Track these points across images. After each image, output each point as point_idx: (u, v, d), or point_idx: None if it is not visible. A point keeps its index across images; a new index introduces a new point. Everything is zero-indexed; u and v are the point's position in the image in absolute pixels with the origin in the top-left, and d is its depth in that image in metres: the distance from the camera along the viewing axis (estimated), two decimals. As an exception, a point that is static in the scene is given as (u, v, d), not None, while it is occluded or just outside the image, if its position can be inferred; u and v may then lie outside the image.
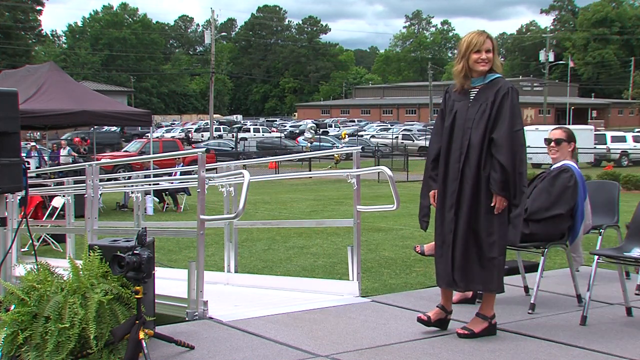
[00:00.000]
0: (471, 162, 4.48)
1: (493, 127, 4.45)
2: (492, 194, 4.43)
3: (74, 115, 15.46)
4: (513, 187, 4.42)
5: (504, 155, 4.39)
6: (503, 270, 4.55)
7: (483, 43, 4.55)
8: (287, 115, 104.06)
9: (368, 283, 7.35)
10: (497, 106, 4.46)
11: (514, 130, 4.42)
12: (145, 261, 3.97)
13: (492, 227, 4.46)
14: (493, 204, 4.44)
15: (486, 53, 4.55)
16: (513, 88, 4.50)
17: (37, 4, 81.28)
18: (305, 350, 4.32)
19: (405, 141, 47.16)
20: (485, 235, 4.47)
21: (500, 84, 4.53)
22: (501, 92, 4.48)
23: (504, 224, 4.48)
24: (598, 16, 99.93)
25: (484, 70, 4.56)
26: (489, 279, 4.49)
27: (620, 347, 4.37)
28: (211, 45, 55.17)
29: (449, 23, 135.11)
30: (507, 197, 4.43)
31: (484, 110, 4.49)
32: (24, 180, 4.75)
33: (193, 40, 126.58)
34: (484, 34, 4.61)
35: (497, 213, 4.44)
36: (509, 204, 4.45)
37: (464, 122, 4.55)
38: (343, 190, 21.99)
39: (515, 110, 4.46)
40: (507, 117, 4.43)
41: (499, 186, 4.41)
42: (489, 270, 4.48)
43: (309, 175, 25.05)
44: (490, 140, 4.44)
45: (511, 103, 4.45)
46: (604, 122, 77.04)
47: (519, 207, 4.45)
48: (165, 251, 10.21)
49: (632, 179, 21.37)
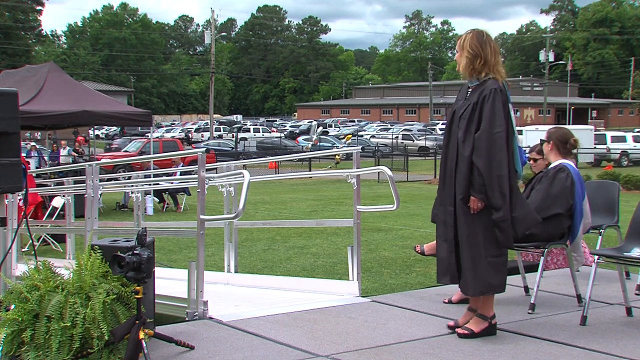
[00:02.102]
0: (459, 162, 4.51)
1: (476, 128, 4.44)
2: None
3: (74, 115, 15.47)
4: (490, 190, 4.37)
5: (480, 157, 4.38)
6: (497, 271, 4.49)
7: (458, 44, 4.65)
8: (287, 115, 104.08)
9: (368, 283, 7.36)
10: (479, 108, 4.46)
11: (493, 132, 4.39)
12: (145, 261, 3.97)
13: (475, 228, 4.46)
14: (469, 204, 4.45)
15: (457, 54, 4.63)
16: (496, 90, 4.45)
17: (37, 4, 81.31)
18: (305, 350, 4.32)
19: (405, 141, 47.14)
20: (469, 236, 4.47)
21: (486, 85, 4.52)
22: (484, 93, 4.47)
23: (486, 226, 4.44)
24: (598, 16, 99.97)
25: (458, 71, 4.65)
26: (476, 280, 4.48)
27: (620, 347, 4.37)
28: (211, 45, 55.19)
29: (449, 23, 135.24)
30: (483, 199, 4.40)
31: (469, 111, 4.51)
32: (24, 180, 4.75)
33: (193, 40, 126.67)
34: (463, 34, 4.67)
35: (474, 214, 4.42)
36: (489, 207, 4.41)
37: (455, 122, 4.60)
38: (343, 190, 22.00)
39: (495, 112, 4.41)
40: (487, 119, 4.41)
41: (475, 188, 4.40)
42: (476, 271, 4.47)
43: (309, 175, 25.05)
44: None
45: (492, 105, 4.41)
46: (604, 122, 77.03)
47: (502, 211, 4.38)
48: (165, 251, 10.22)
49: (632, 179, 21.38)
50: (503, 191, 4.38)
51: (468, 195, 4.44)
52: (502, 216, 4.39)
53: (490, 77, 4.55)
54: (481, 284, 4.48)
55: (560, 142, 5.51)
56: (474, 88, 4.58)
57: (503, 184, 4.38)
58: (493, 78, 4.54)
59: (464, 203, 4.47)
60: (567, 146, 5.54)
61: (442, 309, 5.29)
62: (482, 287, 4.49)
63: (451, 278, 4.62)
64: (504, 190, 4.38)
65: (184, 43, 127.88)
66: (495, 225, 4.42)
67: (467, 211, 4.47)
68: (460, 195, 4.48)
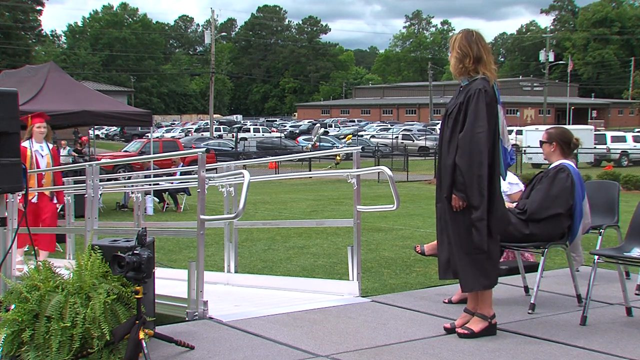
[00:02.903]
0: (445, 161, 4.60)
1: (461, 128, 4.49)
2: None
3: (74, 115, 15.46)
4: (470, 189, 4.41)
5: (460, 156, 4.43)
6: (484, 269, 4.51)
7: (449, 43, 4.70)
8: (287, 115, 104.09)
9: (368, 283, 7.35)
10: (464, 108, 4.50)
11: (475, 132, 4.42)
12: (145, 261, 3.97)
13: (460, 227, 4.51)
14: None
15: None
16: (481, 90, 4.47)
17: (37, 4, 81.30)
18: (305, 350, 4.32)
19: (405, 141, 47.17)
20: (455, 234, 4.53)
21: (472, 85, 4.55)
22: (469, 93, 4.51)
23: (468, 223, 4.48)
24: (598, 16, 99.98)
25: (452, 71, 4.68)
26: (464, 276, 4.53)
27: (620, 347, 4.37)
28: (211, 45, 55.22)
29: (449, 23, 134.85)
30: (463, 198, 4.44)
31: (456, 111, 4.55)
32: (24, 180, 4.75)
33: (193, 40, 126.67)
34: (454, 34, 4.73)
35: (459, 211, 4.47)
36: (469, 206, 4.45)
37: (445, 120, 4.67)
38: (343, 190, 22.00)
39: (478, 113, 4.43)
40: (470, 119, 4.45)
41: (457, 186, 4.46)
42: (464, 268, 4.52)
43: (309, 175, 25.04)
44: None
45: (475, 105, 4.44)
46: (604, 122, 77.04)
47: (479, 211, 4.41)
48: (165, 251, 10.22)
49: (632, 179, 21.38)
50: (482, 191, 4.42)
51: (451, 194, 4.50)
52: (478, 216, 4.44)
53: (479, 77, 4.56)
54: (471, 281, 4.53)
55: (564, 143, 5.51)
56: (463, 88, 4.63)
57: (482, 184, 4.42)
58: (482, 78, 4.55)
59: (448, 202, 4.54)
60: (570, 146, 5.54)
61: (442, 309, 5.29)
62: (472, 284, 4.54)
63: (453, 274, 4.66)
64: (482, 190, 4.42)
65: (184, 43, 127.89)
66: (472, 224, 4.47)
67: (452, 209, 4.53)
68: (445, 194, 4.56)
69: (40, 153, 8.53)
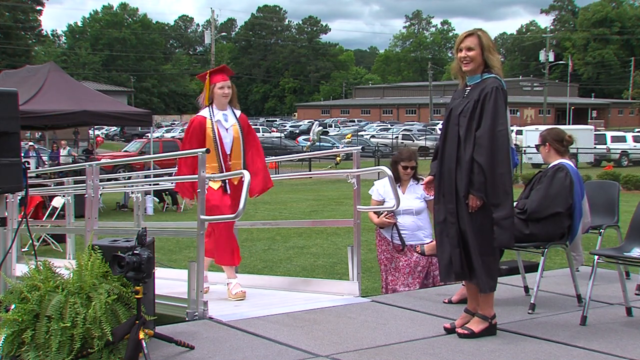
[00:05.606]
0: (460, 160, 4.49)
1: (477, 126, 4.43)
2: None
3: (74, 115, 15.48)
4: (492, 188, 4.36)
5: (482, 155, 4.37)
6: (491, 271, 4.50)
7: (462, 41, 4.57)
8: (287, 116, 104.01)
9: (368, 283, 7.36)
10: (481, 105, 4.43)
11: (496, 130, 4.38)
12: (145, 261, 3.97)
13: (476, 227, 4.46)
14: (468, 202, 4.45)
15: (467, 51, 4.53)
16: (498, 88, 4.44)
17: (37, 4, 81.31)
18: (305, 350, 4.31)
19: (405, 141, 47.12)
20: (470, 234, 4.47)
21: (487, 83, 4.49)
22: (485, 91, 4.45)
23: (486, 224, 4.44)
24: (598, 16, 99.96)
25: (467, 69, 4.56)
26: (478, 278, 4.50)
27: (620, 347, 4.37)
28: (211, 45, 55.24)
29: (449, 23, 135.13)
30: (482, 197, 4.39)
31: (469, 108, 4.48)
32: (24, 180, 4.75)
33: (193, 40, 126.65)
34: (468, 32, 4.61)
35: (473, 212, 4.42)
36: (489, 205, 4.40)
37: (454, 119, 4.58)
38: (343, 190, 21.99)
39: (498, 110, 4.39)
40: (489, 117, 4.39)
41: (475, 185, 4.39)
42: (477, 269, 4.48)
43: (309, 175, 25.05)
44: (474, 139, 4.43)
45: (494, 103, 4.40)
46: (604, 122, 76.99)
47: (503, 209, 4.37)
48: (165, 251, 10.22)
49: (632, 179, 21.39)
50: (506, 189, 4.38)
51: (468, 193, 4.44)
52: (505, 214, 4.39)
53: (492, 75, 4.54)
54: (493, 281, 4.51)
55: (556, 142, 5.52)
56: (473, 86, 4.56)
57: (506, 182, 4.38)
58: (495, 77, 4.53)
59: (465, 201, 4.47)
60: (563, 144, 5.54)
61: (442, 309, 5.29)
62: (493, 283, 4.51)
63: (456, 276, 4.62)
64: (507, 188, 4.38)
65: (184, 43, 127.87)
66: (496, 223, 4.41)
67: (458, 209, 4.49)
68: (462, 193, 4.47)
69: (224, 125, 6.10)
